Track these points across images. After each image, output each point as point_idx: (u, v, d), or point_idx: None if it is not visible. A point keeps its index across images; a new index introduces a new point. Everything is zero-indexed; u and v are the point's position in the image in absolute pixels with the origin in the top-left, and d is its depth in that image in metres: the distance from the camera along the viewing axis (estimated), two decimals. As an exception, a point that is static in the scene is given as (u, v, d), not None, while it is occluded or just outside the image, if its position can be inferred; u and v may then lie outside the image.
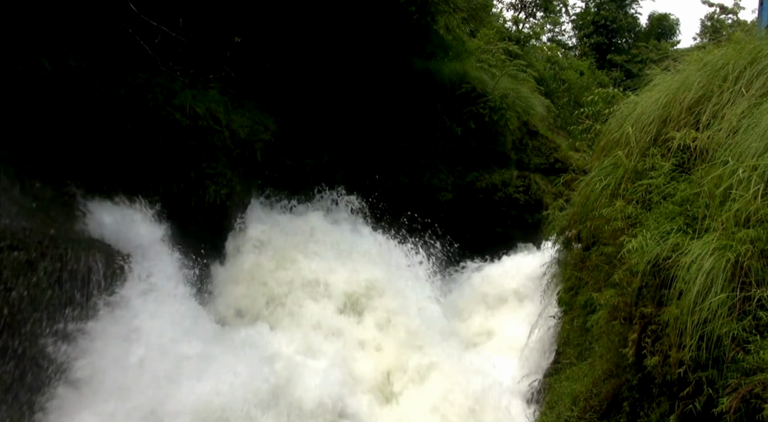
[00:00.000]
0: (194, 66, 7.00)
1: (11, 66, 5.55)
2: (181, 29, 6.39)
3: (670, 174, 3.97)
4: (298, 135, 8.93)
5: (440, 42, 11.21)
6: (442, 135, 10.72)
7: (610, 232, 4.31)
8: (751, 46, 4.22)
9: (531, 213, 11.08)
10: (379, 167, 10.15)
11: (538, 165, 12.08)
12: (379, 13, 9.32)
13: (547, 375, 5.95)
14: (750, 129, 3.43)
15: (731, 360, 2.71)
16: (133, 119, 6.53)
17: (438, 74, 10.70)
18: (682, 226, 3.40)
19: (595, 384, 4.27)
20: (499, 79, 11.40)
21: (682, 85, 4.41)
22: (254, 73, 8.27)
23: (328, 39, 9.10)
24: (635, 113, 4.79)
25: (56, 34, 6.03)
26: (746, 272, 2.84)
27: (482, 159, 11.10)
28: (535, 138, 12.39)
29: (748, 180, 3.11)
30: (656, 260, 3.33)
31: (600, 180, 4.65)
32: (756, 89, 3.84)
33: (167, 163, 6.80)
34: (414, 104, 10.40)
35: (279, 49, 8.68)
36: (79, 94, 6.20)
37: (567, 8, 27.85)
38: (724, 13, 24.36)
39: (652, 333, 3.34)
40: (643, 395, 3.48)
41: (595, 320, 4.36)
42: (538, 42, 22.53)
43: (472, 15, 12.29)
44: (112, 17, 6.22)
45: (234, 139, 7.46)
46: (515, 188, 11.12)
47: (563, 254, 6.87)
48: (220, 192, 7.21)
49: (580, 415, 4.19)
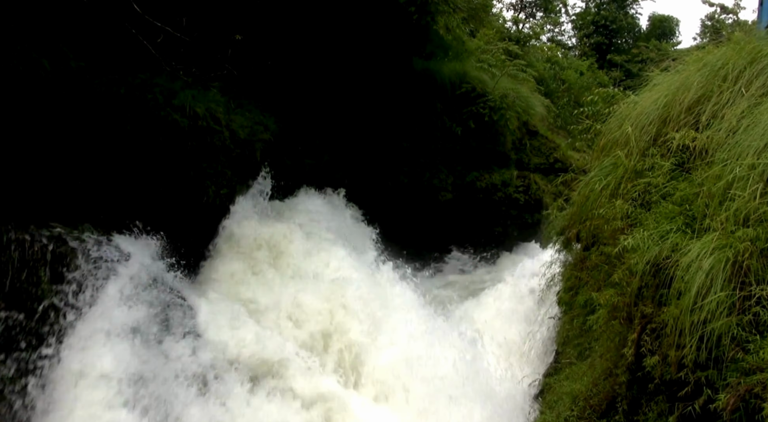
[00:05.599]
0: (196, 65, 7.01)
1: (11, 66, 5.55)
2: (184, 28, 6.40)
3: (669, 174, 3.98)
4: (298, 135, 8.93)
5: (440, 42, 11.22)
6: (442, 135, 10.73)
7: (609, 232, 4.32)
8: (750, 47, 4.22)
9: (531, 213, 11.11)
10: (379, 167, 10.15)
11: (537, 165, 12.10)
12: (379, 13, 9.32)
13: (547, 374, 5.95)
14: (749, 129, 3.43)
15: (731, 360, 2.71)
16: (133, 119, 6.54)
17: (438, 74, 10.71)
18: (682, 226, 3.40)
19: (595, 384, 4.26)
20: (499, 79, 11.42)
21: (682, 85, 4.41)
22: (255, 72, 8.27)
23: (328, 39, 9.10)
24: (635, 113, 4.79)
25: (56, 34, 6.03)
26: (746, 271, 2.85)
27: (482, 159, 11.11)
28: (535, 138, 12.41)
29: (747, 179, 3.11)
30: (656, 259, 3.33)
31: (600, 180, 4.65)
32: (756, 89, 3.84)
33: (167, 163, 6.81)
34: (414, 104, 10.40)
35: (279, 49, 8.69)
36: (79, 94, 6.21)
37: (567, 8, 27.89)
38: (724, 13, 24.33)
39: (651, 332, 3.34)
40: (642, 394, 3.48)
41: (594, 319, 4.35)
42: (538, 42, 22.56)
43: (472, 15, 12.29)
44: (114, 17, 6.22)
45: (234, 139, 7.46)
46: (515, 188, 11.14)
47: (563, 255, 6.87)
48: (220, 192, 7.22)
49: (579, 415, 4.19)
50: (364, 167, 9.98)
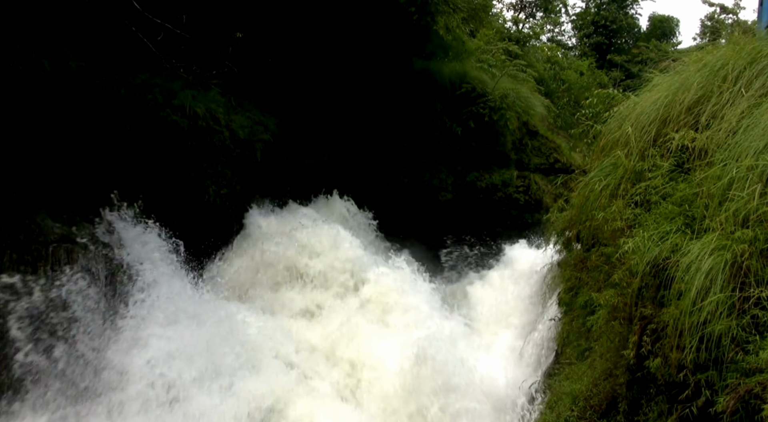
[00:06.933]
0: (197, 63, 7.01)
1: (11, 66, 5.55)
2: (184, 26, 6.39)
3: (669, 174, 3.97)
4: (298, 135, 8.93)
5: (440, 42, 11.22)
6: (442, 135, 10.72)
7: (609, 232, 4.31)
8: (750, 47, 4.22)
9: (531, 213, 11.10)
10: (379, 167, 10.15)
11: (538, 165, 12.09)
12: (379, 13, 9.32)
13: (547, 375, 5.94)
14: (749, 129, 3.43)
15: (730, 361, 2.71)
16: (133, 119, 6.54)
17: (438, 74, 10.71)
18: (681, 226, 3.40)
19: (595, 384, 4.26)
20: (499, 79, 11.41)
21: (682, 85, 4.41)
22: (255, 70, 8.27)
23: (329, 39, 9.10)
24: (635, 114, 4.79)
25: (56, 34, 6.02)
26: (745, 272, 2.84)
27: (482, 159, 11.11)
28: (535, 138, 12.40)
29: (746, 180, 3.11)
30: (656, 260, 3.33)
31: (600, 180, 4.65)
32: (755, 89, 3.84)
33: (167, 163, 6.81)
34: (414, 104, 10.40)
35: (280, 48, 8.69)
36: (79, 94, 6.20)
37: (567, 8, 27.88)
38: (724, 13, 24.32)
39: (652, 332, 3.34)
40: (642, 395, 3.49)
41: (594, 320, 4.35)
42: (538, 42, 22.55)
43: (472, 15, 12.28)
44: (114, 16, 6.22)
45: (234, 139, 7.46)
46: (515, 188, 11.13)
47: (563, 255, 6.86)
48: (220, 192, 7.22)
49: (580, 415, 4.19)
50: (364, 167, 9.98)
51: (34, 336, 5.04)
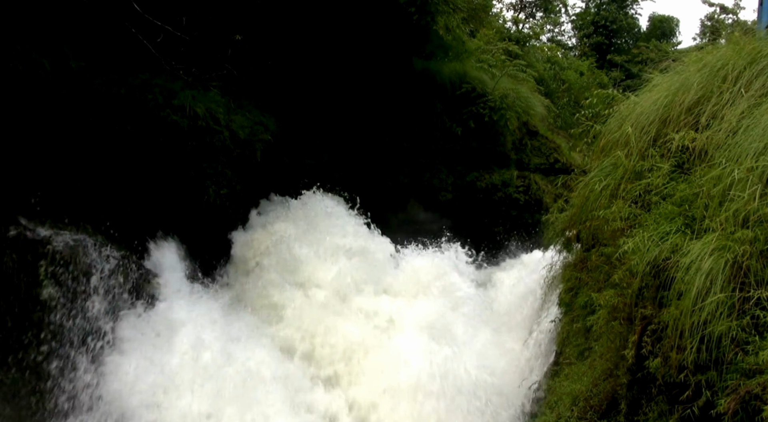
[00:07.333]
0: (196, 64, 7.01)
1: (11, 66, 5.55)
2: (184, 28, 6.40)
3: (669, 175, 3.97)
4: (298, 135, 8.93)
5: (440, 42, 11.22)
6: (442, 135, 10.72)
7: (609, 232, 4.31)
8: (750, 47, 4.21)
9: (531, 213, 11.09)
10: (379, 167, 10.15)
11: (538, 165, 12.08)
12: (379, 13, 9.32)
13: (547, 375, 5.94)
14: (749, 129, 3.43)
15: (730, 361, 2.71)
16: (133, 119, 6.54)
17: (438, 74, 10.71)
18: (682, 226, 3.40)
19: (595, 384, 4.26)
20: (499, 79, 11.41)
21: (682, 85, 4.40)
22: (255, 72, 8.28)
23: (329, 39, 9.10)
24: (635, 114, 4.78)
25: (56, 34, 6.03)
26: (745, 272, 2.84)
27: (482, 159, 11.11)
28: (535, 138, 12.39)
29: (746, 181, 3.11)
30: (656, 260, 3.32)
31: (599, 180, 4.64)
32: (755, 90, 3.83)
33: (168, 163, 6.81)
34: (414, 104, 10.41)
35: (279, 49, 8.69)
36: (80, 94, 6.21)
37: (567, 8, 27.88)
38: (724, 13, 24.32)
39: (652, 333, 3.34)
40: (643, 395, 3.48)
41: (594, 320, 4.35)
42: (538, 42, 22.54)
43: (472, 15, 12.29)
44: (114, 17, 6.22)
45: (234, 139, 7.47)
46: (515, 189, 11.13)
47: (563, 255, 6.86)
48: (220, 192, 7.22)
49: (580, 415, 4.19)
50: (364, 167, 9.98)
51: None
